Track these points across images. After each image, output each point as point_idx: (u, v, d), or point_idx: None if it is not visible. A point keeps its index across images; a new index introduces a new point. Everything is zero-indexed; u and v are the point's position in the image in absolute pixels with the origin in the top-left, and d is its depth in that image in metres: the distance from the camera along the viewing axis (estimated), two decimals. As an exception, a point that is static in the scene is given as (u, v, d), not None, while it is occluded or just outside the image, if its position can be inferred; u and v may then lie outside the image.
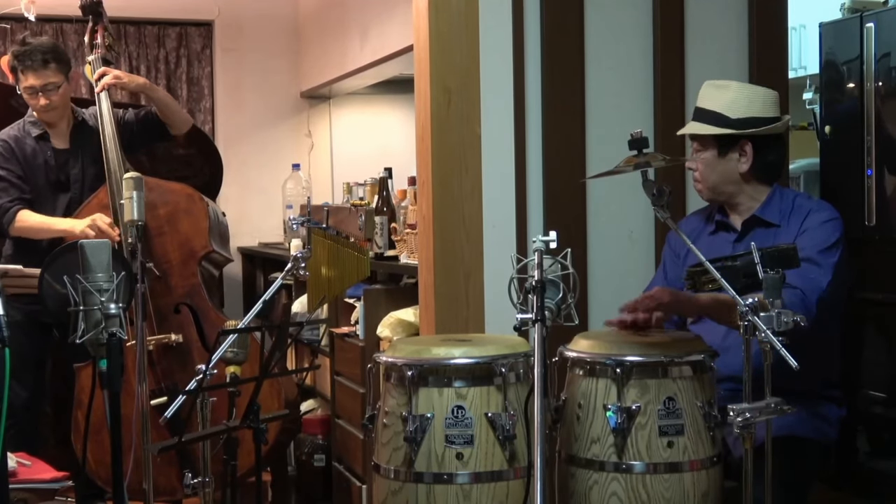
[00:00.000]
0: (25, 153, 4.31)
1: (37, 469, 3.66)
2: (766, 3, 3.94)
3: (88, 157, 4.38)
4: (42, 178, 4.33)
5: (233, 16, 6.55)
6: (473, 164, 3.60)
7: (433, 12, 3.56)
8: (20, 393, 4.19)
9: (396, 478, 2.73)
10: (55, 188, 4.34)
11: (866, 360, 4.75)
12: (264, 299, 3.15)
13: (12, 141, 4.30)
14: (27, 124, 4.37)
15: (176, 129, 4.48)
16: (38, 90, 4.25)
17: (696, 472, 2.72)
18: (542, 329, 2.41)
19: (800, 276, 2.76)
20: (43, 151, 4.34)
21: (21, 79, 4.27)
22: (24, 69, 4.25)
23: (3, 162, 4.26)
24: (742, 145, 3.07)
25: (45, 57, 4.26)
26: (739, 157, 3.08)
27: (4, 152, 4.28)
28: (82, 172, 4.38)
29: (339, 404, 4.58)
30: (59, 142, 4.39)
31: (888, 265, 4.59)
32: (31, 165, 4.31)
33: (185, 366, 4.19)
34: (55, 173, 4.36)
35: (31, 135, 4.34)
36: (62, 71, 4.33)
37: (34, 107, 4.31)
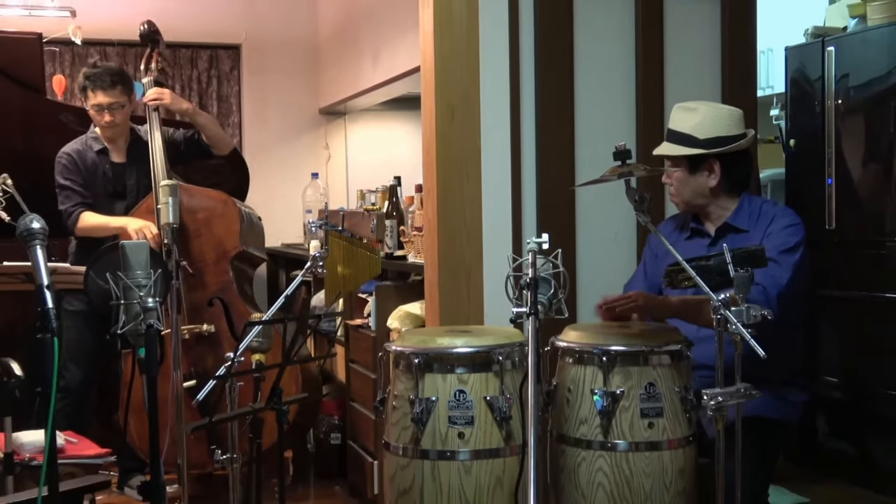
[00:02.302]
0: (87, 165, 4.34)
1: (82, 446, 3.66)
2: (736, 29, 3.94)
3: (142, 170, 4.39)
4: (101, 187, 4.35)
5: (258, 40, 6.56)
6: (474, 173, 3.60)
7: (438, 37, 3.56)
8: (76, 375, 4.20)
9: (404, 454, 2.73)
10: (112, 197, 4.36)
11: (826, 350, 4.75)
12: (286, 294, 3.14)
13: (75, 154, 4.33)
14: (89, 139, 4.39)
15: (218, 151, 4.49)
16: (105, 108, 4.28)
17: (673, 451, 2.72)
18: (536, 321, 2.41)
19: (763, 274, 2.77)
20: (102, 164, 4.37)
21: (90, 97, 4.28)
22: (94, 88, 4.27)
23: (68, 173, 4.30)
24: (711, 163, 3.07)
25: (113, 79, 4.29)
26: (709, 174, 3.08)
27: (69, 164, 4.31)
28: (137, 183, 4.40)
29: (354, 389, 4.58)
30: (116, 156, 4.40)
31: (846, 265, 4.59)
32: (92, 176, 4.34)
33: (216, 353, 4.19)
34: (112, 184, 4.38)
35: (93, 149, 4.37)
36: (126, 92, 4.35)
37: (99, 123, 4.33)
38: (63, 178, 4.29)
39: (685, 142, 3.07)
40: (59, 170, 4.32)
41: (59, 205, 4.27)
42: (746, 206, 3.13)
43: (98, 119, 4.32)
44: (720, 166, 3.07)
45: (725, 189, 3.11)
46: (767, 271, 2.80)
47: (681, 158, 3.09)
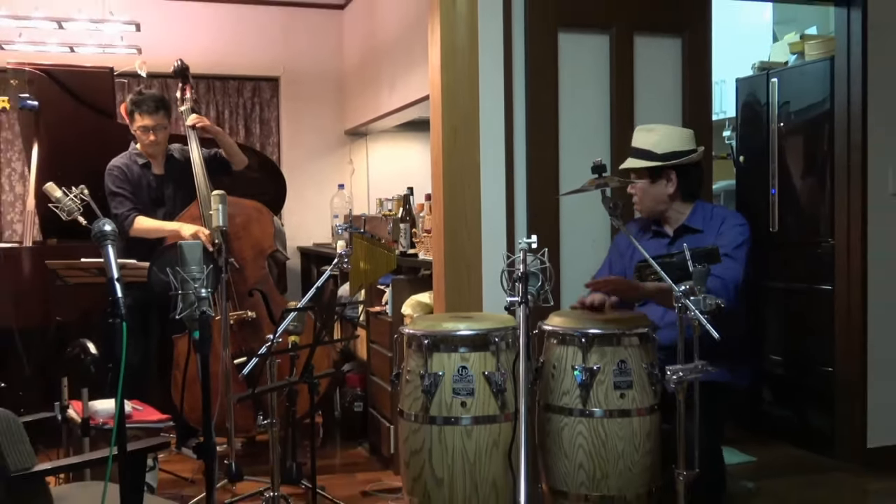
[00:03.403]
0: (133, 176, 4.32)
1: (146, 413, 3.67)
2: (695, 63, 3.93)
3: (177, 182, 4.38)
4: (145, 195, 4.34)
5: (293, 73, 6.57)
6: (474, 185, 3.60)
7: (444, 70, 3.57)
8: (135, 355, 4.21)
9: (416, 420, 2.74)
10: (154, 204, 4.35)
11: (770, 332, 4.77)
12: (317, 286, 3.15)
13: (124, 167, 4.32)
14: (133, 155, 4.37)
15: (236, 166, 4.48)
16: (150, 129, 4.27)
17: (641, 417, 2.72)
18: (526, 309, 2.43)
19: (721, 268, 2.78)
20: (145, 176, 4.36)
21: (136, 119, 4.27)
22: (141, 112, 4.25)
23: (120, 182, 4.28)
24: (668, 173, 3.08)
25: (157, 104, 4.28)
26: (667, 182, 3.09)
27: (119, 175, 4.30)
28: (174, 192, 4.39)
29: (373, 365, 4.59)
30: (157, 169, 4.39)
31: (787, 262, 4.61)
32: (138, 186, 4.32)
33: (258, 335, 4.19)
34: (154, 193, 4.36)
35: (138, 163, 4.35)
36: (167, 116, 4.34)
37: (144, 142, 4.31)
38: (115, 187, 4.27)
39: (646, 156, 3.09)
40: (111, 179, 4.27)
41: (113, 210, 4.23)
42: (700, 210, 3.14)
43: (143, 138, 4.30)
44: (676, 175, 3.08)
45: (681, 195, 3.12)
46: (725, 266, 2.83)
47: (643, 170, 3.11)
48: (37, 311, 4.53)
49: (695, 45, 3.93)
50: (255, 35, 6.47)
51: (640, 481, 2.72)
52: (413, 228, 4.61)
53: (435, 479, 2.68)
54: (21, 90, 4.76)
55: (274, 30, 6.52)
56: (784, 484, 4.02)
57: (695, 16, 3.93)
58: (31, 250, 4.70)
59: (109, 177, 4.28)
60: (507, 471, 2.67)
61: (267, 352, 2.90)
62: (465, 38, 3.57)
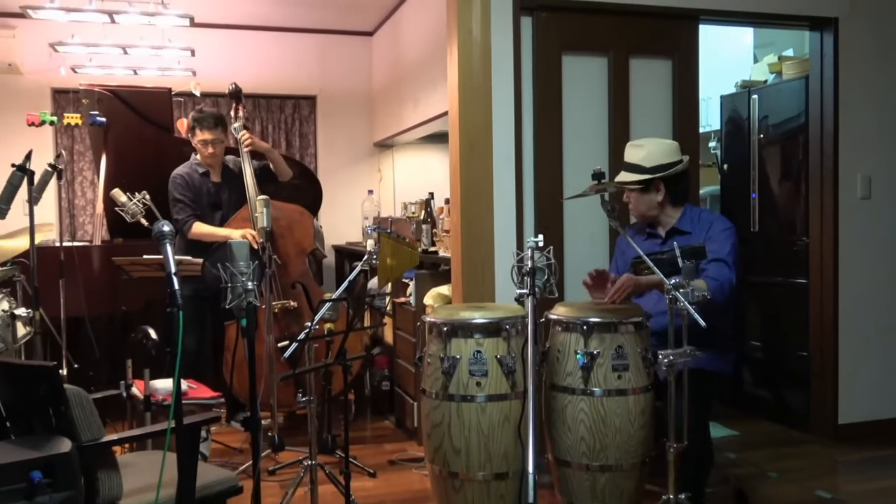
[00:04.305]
0: (195, 184, 4.34)
1: (200, 391, 3.70)
2: (683, 82, 3.92)
3: (231, 189, 4.40)
4: (205, 201, 4.36)
5: (329, 92, 6.59)
6: (487, 190, 3.59)
7: (461, 89, 3.57)
8: (190, 341, 4.23)
9: (436, 398, 2.74)
10: (212, 208, 4.37)
11: (751, 320, 4.74)
12: (349, 279, 3.16)
13: (186, 175, 4.33)
14: (194, 165, 4.40)
15: (281, 178, 4.48)
16: (209, 143, 4.28)
17: (636, 396, 2.71)
18: (534, 300, 2.42)
19: (718, 272, 2.80)
20: (205, 183, 4.37)
21: (197, 134, 4.28)
22: (202, 128, 4.27)
23: (182, 190, 4.30)
24: (657, 184, 3.05)
25: (216, 121, 4.29)
26: (656, 192, 3.07)
27: (182, 182, 4.31)
28: (229, 198, 4.41)
29: (399, 349, 4.59)
30: (214, 177, 4.40)
31: (767, 258, 4.58)
32: (198, 193, 4.34)
33: (298, 322, 4.21)
34: (212, 198, 4.38)
35: (198, 172, 4.37)
36: (223, 132, 4.35)
37: (204, 154, 4.33)
38: (178, 194, 4.28)
39: (636, 170, 3.07)
40: (174, 187, 4.29)
41: (174, 215, 4.25)
42: (689, 213, 3.12)
43: (203, 151, 4.32)
44: (664, 185, 3.06)
45: (670, 201, 3.10)
46: (720, 270, 2.83)
47: (634, 183, 3.08)
48: (105, 302, 4.57)
49: (684, 65, 3.91)
50: (295, 59, 6.49)
51: (636, 452, 2.71)
52: (434, 229, 4.61)
53: (454, 449, 2.68)
54: (91, 108, 4.80)
55: (311, 54, 6.53)
56: (763, 455, 4.00)
57: (684, 40, 3.91)
58: (100, 248, 4.73)
59: (173, 184, 4.30)
60: (517, 442, 2.67)
61: (306, 337, 2.91)
62: (480, 60, 3.57)
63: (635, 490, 2.75)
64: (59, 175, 3.74)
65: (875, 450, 4.02)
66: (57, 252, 4.09)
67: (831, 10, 4.13)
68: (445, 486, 2.72)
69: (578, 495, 2.74)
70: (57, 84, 5.93)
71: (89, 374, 4.37)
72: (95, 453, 2.13)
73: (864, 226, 4.21)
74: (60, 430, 2.06)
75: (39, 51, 5.69)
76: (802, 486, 3.57)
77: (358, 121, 6.67)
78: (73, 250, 4.55)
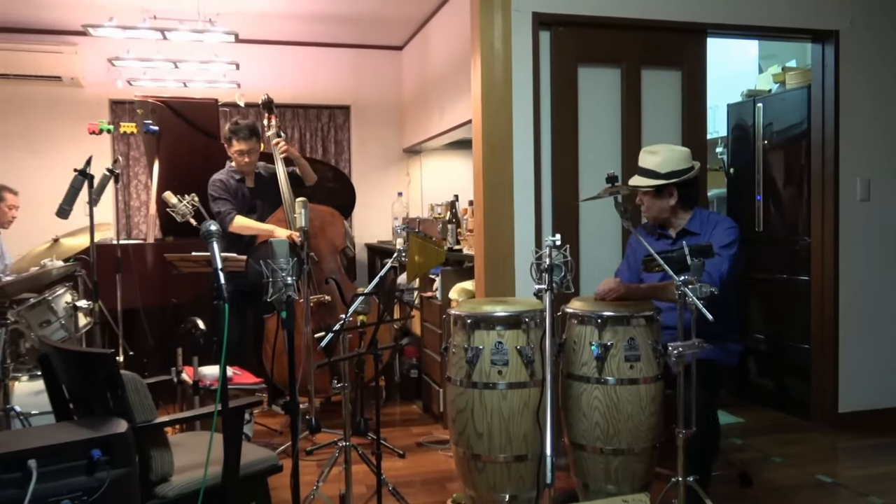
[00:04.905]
0: (232, 188, 4.36)
1: (244, 377, 3.72)
2: (692, 91, 3.87)
3: (264, 193, 4.41)
4: (240, 204, 4.37)
5: (362, 102, 6.61)
6: (508, 193, 3.58)
7: (484, 99, 3.56)
8: (236, 331, 4.27)
9: (461, 385, 2.73)
10: (248, 211, 4.38)
11: (756, 315, 4.69)
12: (380, 275, 3.16)
13: (224, 180, 4.34)
14: (230, 171, 4.40)
15: (307, 182, 4.48)
16: (245, 152, 4.30)
17: (647, 385, 2.69)
18: (551, 295, 2.40)
19: (711, 264, 2.74)
20: (241, 189, 4.39)
21: (234, 144, 4.29)
22: (238, 139, 4.28)
23: (222, 191, 4.32)
24: (670, 189, 3.02)
25: (250, 132, 4.30)
26: (669, 196, 3.03)
27: (221, 186, 4.33)
28: (262, 202, 4.42)
29: (426, 340, 4.60)
30: (249, 183, 4.43)
31: (770, 256, 4.53)
32: (234, 196, 4.36)
33: (333, 315, 4.23)
34: (248, 203, 4.40)
35: (234, 178, 4.38)
36: (257, 141, 4.36)
37: (239, 163, 4.34)
38: (217, 194, 4.30)
39: (650, 175, 3.03)
40: (213, 189, 4.31)
41: (216, 210, 4.26)
42: (698, 215, 3.08)
43: (239, 160, 4.32)
44: (676, 190, 3.02)
45: (681, 205, 3.06)
46: (714, 263, 2.77)
47: (648, 188, 3.05)
48: (157, 295, 4.62)
49: (692, 76, 3.87)
50: (330, 72, 6.51)
51: (647, 437, 2.69)
52: (458, 228, 4.61)
53: (476, 432, 2.68)
54: (145, 118, 4.85)
55: (346, 68, 6.55)
56: (767, 441, 3.96)
57: (692, 52, 3.87)
58: (153, 246, 4.79)
59: (212, 187, 4.33)
60: (536, 427, 2.66)
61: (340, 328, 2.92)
62: (501, 72, 3.56)
63: (646, 472, 2.73)
64: (116, 179, 3.78)
65: (873, 437, 3.96)
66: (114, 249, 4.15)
67: (833, 23, 4.07)
68: (469, 466, 2.72)
69: (593, 477, 2.73)
70: (114, 96, 6.00)
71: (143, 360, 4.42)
72: (149, 433, 2.16)
73: (864, 226, 4.15)
74: (117, 412, 2.09)
75: (99, 65, 5.78)
76: (804, 470, 3.52)
77: (388, 128, 6.68)
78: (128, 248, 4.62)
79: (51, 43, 5.76)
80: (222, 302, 1.98)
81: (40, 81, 5.81)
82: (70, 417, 2.35)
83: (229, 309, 1.98)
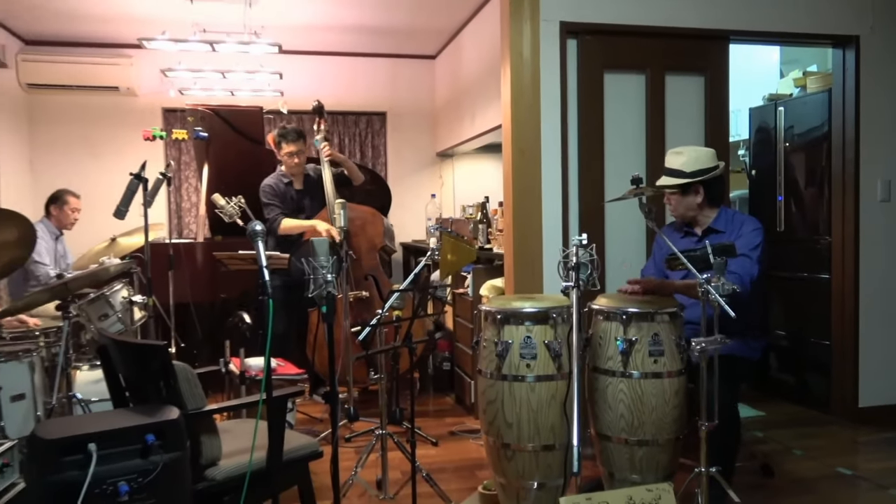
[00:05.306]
0: (281, 191, 4.41)
1: (287, 368, 3.75)
2: (715, 96, 3.82)
3: (311, 194, 4.45)
4: (289, 205, 4.42)
5: (397, 108, 6.62)
6: (536, 194, 3.56)
7: (513, 104, 3.54)
8: (280, 324, 4.31)
9: (491, 378, 2.73)
10: (296, 212, 4.43)
11: (778, 312, 4.61)
12: (415, 273, 3.16)
13: (273, 184, 4.40)
14: (280, 175, 4.46)
15: (355, 182, 4.51)
16: (294, 154, 4.35)
17: (671, 378, 2.65)
18: (578, 292, 2.39)
19: (740, 266, 2.71)
20: (289, 191, 4.43)
21: (284, 147, 4.35)
22: (287, 142, 4.34)
23: (270, 196, 4.37)
24: (696, 188, 2.98)
25: (298, 135, 4.36)
26: (695, 194, 2.99)
27: (270, 191, 4.38)
28: (310, 202, 4.46)
29: (458, 334, 4.60)
30: (297, 185, 4.47)
31: (792, 255, 4.44)
32: (284, 198, 4.41)
33: (370, 310, 4.24)
34: (296, 204, 4.44)
35: (283, 182, 4.43)
36: (304, 143, 4.42)
37: (289, 164, 4.38)
38: (267, 199, 4.36)
39: (677, 175, 2.99)
40: (263, 194, 4.37)
41: (266, 214, 4.32)
42: (723, 214, 3.03)
43: (289, 162, 4.38)
44: (703, 189, 2.98)
45: (707, 203, 3.01)
46: (742, 264, 2.74)
47: (675, 187, 3.01)
48: (207, 290, 4.67)
49: (715, 81, 3.81)
50: (367, 80, 6.54)
51: (670, 429, 2.65)
52: (489, 228, 4.60)
53: (506, 423, 2.67)
54: (195, 125, 4.91)
55: (382, 76, 6.57)
56: (787, 434, 3.88)
57: (715, 58, 3.81)
58: (203, 244, 4.84)
59: (262, 192, 4.39)
60: (563, 418, 2.64)
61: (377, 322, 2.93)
62: (530, 79, 3.54)
63: (670, 462, 2.69)
64: (169, 182, 3.84)
65: (893, 431, 3.86)
66: (167, 248, 4.20)
67: (853, 28, 3.97)
68: (499, 455, 2.71)
69: (618, 466, 2.70)
70: (167, 104, 6.10)
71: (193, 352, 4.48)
72: (199, 420, 2.18)
73: (884, 226, 4.05)
74: (169, 399, 2.12)
75: (152, 76, 5.87)
76: (824, 462, 3.45)
77: (422, 133, 6.69)
78: (180, 246, 4.68)
79: (109, 56, 5.87)
80: (266, 297, 1.99)
81: (99, 92, 5.92)
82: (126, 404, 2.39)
83: (274, 303, 1.99)
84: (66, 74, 5.76)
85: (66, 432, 1.86)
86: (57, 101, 5.97)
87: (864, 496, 3.09)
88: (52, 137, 6.00)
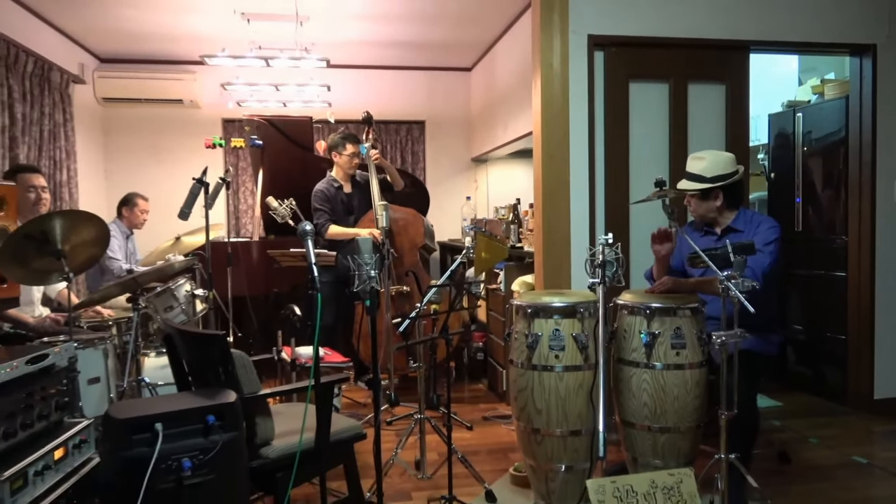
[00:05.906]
0: (332, 195, 4.40)
1: (334, 356, 3.76)
2: (735, 103, 3.73)
3: (359, 197, 4.46)
4: (340, 207, 4.42)
5: (435, 117, 6.62)
6: (564, 196, 3.53)
7: (544, 112, 3.52)
8: (328, 316, 4.33)
9: (522, 367, 2.71)
10: (346, 213, 4.42)
11: (795, 307, 4.50)
12: (451, 269, 3.16)
13: (325, 190, 4.37)
14: (329, 180, 4.44)
15: (396, 187, 4.49)
16: (355, 154, 4.33)
17: (692, 370, 2.61)
18: (604, 288, 2.36)
19: (754, 261, 2.63)
20: (339, 195, 4.43)
21: (348, 148, 4.32)
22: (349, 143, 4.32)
23: (321, 201, 4.34)
24: (716, 192, 2.91)
25: (355, 138, 4.36)
26: (715, 199, 2.92)
27: (321, 196, 4.35)
28: (358, 204, 4.46)
29: (491, 326, 4.58)
30: (346, 188, 4.47)
31: (809, 254, 4.33)
32: (335, 202, 4.41)
33: (410, 304, 4.25)
34: (346, 206, 4.45)
35: (334, 186, 4.42)
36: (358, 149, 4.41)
37: (350, 165, 4.35)
38: (319, 204, 4.35)
39: (698, 180, 2.93)
40: (315, 199, 4.35)
41: (315, 220, 4.31)
42: (742, 215, 2.96)
43: (350, 162, 4.34)
44: (722, 193, 2.91)
45: (727, 206, 2.95)
46: (756, 259, 2.67)
47: (696, 191, 2.95)
48: (261, 285, 4.74)
49: (735, 89, 3.72)
50: (407, 91, 6.55)
51: (691, 417, 2.61)
52: (520, 228, 4.57)
53: (536, 409, 2.65)
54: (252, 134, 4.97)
55: (421, 87, 6.58)
56: (804, 423, 3.78)
57: (736, 67, 3.73)
58: (258, 243, 4.90)
59: (314, 197, 4.39)
60: (589, 405, 2.61)
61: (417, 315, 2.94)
62: (559, 88, 3.51)
63: (691, 449, 2.65)
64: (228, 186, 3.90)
65: (908, 422, 3.74)
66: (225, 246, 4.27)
67: (870, 37, 3.85)
68: (529, 439, 2.69)
69: (641, 451, 2.66)
70: (226, 115, 6.20)
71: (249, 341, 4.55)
72: (254, 403, 2.21)
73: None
74: (228, 384, 2.15)
75: (213, 89, 5.98)
76: (840, 451, 3.35)
77: (458, 140, 6.68)
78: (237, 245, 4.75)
79: (174, 72, 5.98)
80: (315, 291, 2.01)
81: (166, 104, 6.05)
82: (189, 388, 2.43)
83: (322, 297, 2.01)
84: (137, 89, 5.89)
85: (136, 413, 1.90)
86: (128, 113, 6.11)
87: (878, 483, 2.99)
88: (123, 146, 6.14)
